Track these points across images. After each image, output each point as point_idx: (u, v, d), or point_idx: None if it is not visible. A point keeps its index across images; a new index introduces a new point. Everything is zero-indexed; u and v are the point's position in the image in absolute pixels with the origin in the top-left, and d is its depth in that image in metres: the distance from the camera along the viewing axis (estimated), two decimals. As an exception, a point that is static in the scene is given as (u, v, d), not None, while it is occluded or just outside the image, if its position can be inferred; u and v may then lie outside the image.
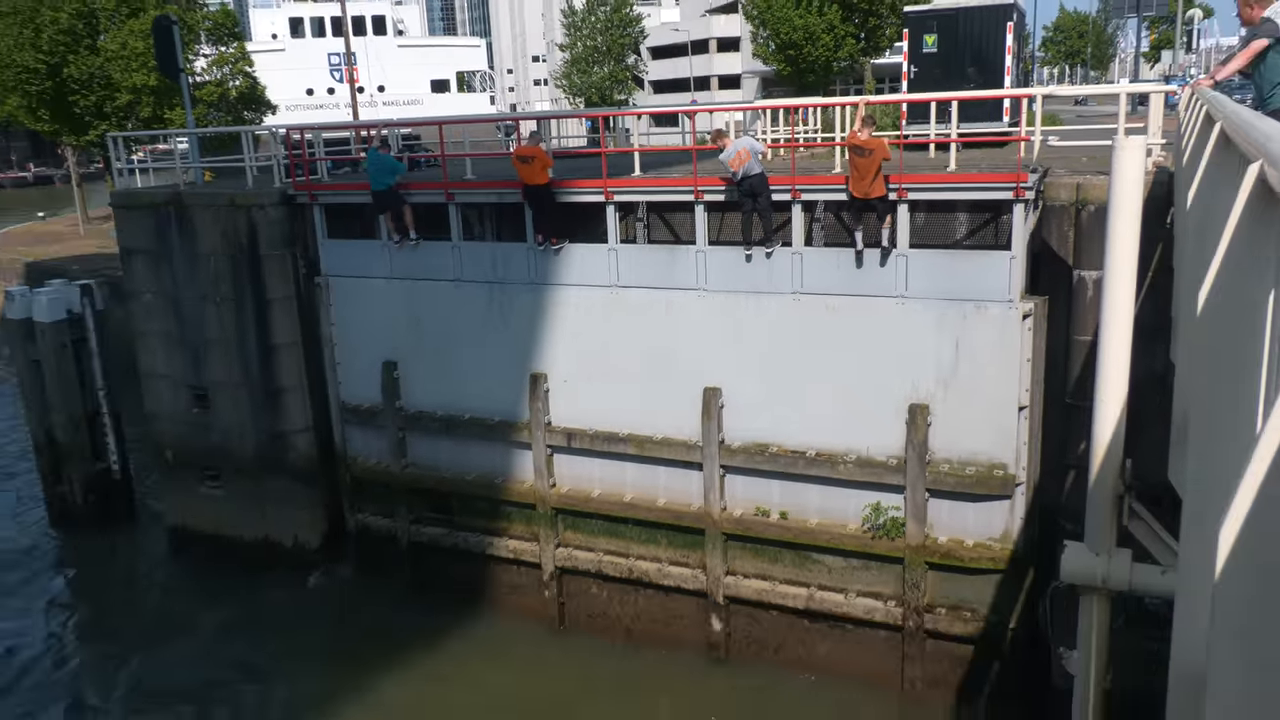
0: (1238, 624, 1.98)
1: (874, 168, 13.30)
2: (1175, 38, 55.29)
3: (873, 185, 13.37)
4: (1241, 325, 3.31)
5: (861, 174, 13.35)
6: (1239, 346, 3.30)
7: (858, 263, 14.11)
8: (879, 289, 14.06)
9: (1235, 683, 2.02)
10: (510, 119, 29.74)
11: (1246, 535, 1.85)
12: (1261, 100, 7.89)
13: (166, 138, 42.83)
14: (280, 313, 18.68)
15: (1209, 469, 3.55)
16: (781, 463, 15.16)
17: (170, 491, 20.97)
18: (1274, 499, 1.78)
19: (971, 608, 14.39)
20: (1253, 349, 2.92)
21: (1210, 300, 4.13)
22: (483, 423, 17.54)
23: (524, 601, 17.83)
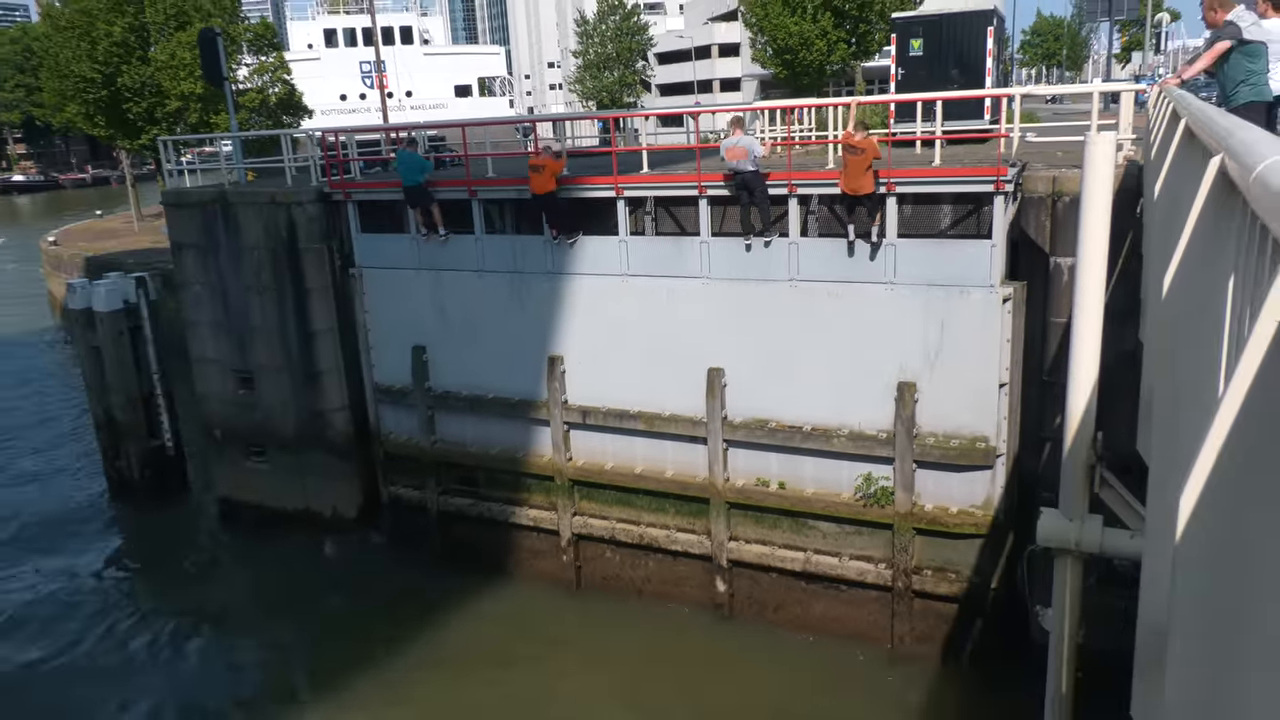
0: (1196, 583, 1.97)
1: (865, 165, 13.23)
2: (1145, 40, 54.68)
3: (862, 181, 13.31)
4: (1203, 306, 3.29)
5: (853, 171, 13.28)
6: (1201, 326, 3.28)
7: (849, 252, 14.05)
8: (869, 276, 13.99)
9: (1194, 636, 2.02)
10: (528, 121, 29.63)
11: (1203, 502, 1.84)
12: (1225, 98, 7.81)
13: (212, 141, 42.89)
14: (318, 301, 18.70)
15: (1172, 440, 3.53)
16: (780, 437, 15.16)
17: (219, 466, 21.09)
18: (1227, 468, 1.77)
19: (956, 569, 14.40)
20: (1213, 328, 2.90)
21: (1175, 283, 4.11)
22: (505, 401, 17.57)
23: (543, 565, 17.92)
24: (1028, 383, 13.86)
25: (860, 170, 13.24)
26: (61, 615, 17.85)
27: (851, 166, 13.31)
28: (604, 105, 70.08)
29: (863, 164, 13.22)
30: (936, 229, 15.03)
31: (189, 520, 21.66)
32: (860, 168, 13.23)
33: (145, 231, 48.19)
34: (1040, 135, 14.66)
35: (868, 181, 13.29)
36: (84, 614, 17.93)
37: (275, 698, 15.14)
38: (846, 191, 13.46)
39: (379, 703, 14.54)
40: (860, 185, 13.31)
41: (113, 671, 16.06)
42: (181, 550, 20.30)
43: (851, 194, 13.46)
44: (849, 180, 13.36)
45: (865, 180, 13.28)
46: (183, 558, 19.98)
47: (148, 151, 44.39)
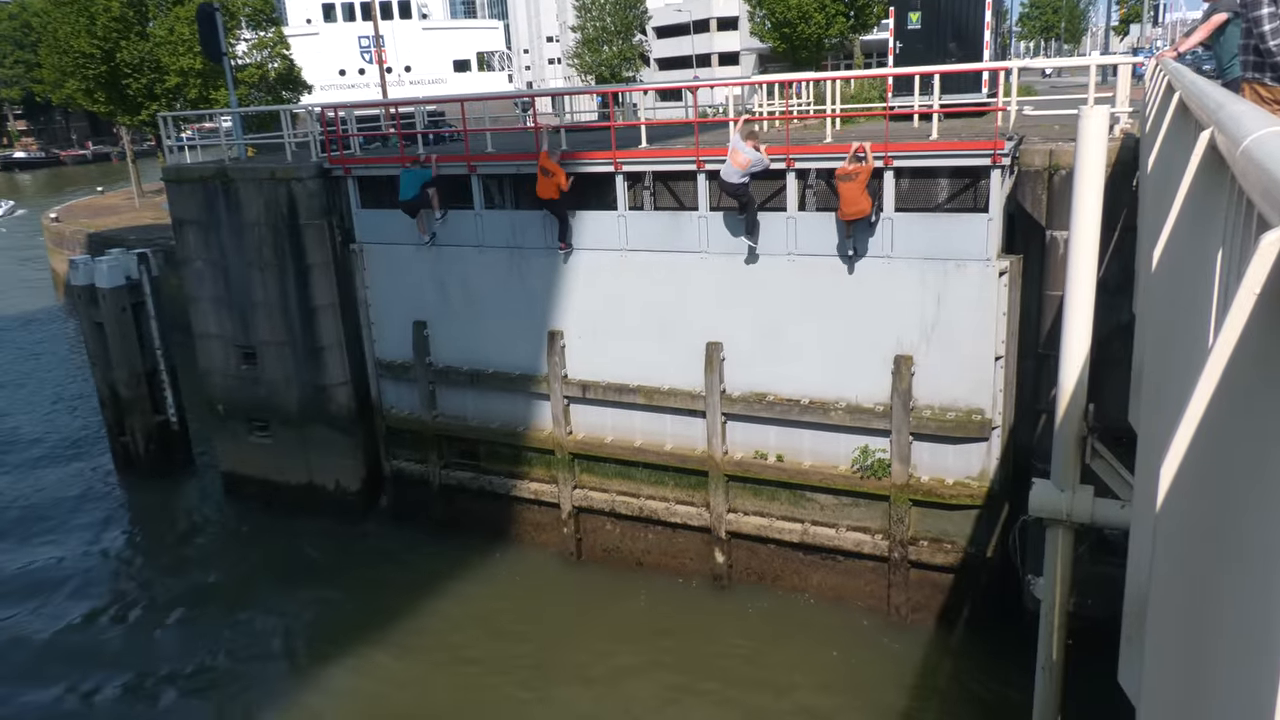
0: (1174, 552, 2.00)
1: (861, 187, 13.20)
2: (1143, 12, 54.19)
3: (862, 204, 13.27)
4: (1192, 279, 3.30)
5: (850, 198, 13.22)
6: (1190, 299, 3.29)
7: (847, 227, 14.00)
8: (867, 250, 13.96)
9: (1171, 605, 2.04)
10: (527, 95, 29.44)
11: (1183, 472, 1.86)
12: (1221, 70, 7.77)
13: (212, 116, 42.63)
14: (319, 277, 18.68)
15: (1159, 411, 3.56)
16: (778, 410, 15.20)
17: (222, 441, 21.15)
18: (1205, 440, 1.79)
19: (951, 540, 14.50)
20: (1202, 301, 2.91)
21: (1166, 255, 4.12)
22: (505, 376, 17.60)
23: (545, 537, 18.04)
24: (1023, 356, 13.88)
25: (858, 194, 13.20)
26: (68, 588, 17.98)
27: (847, 194, 13.25)
28: (602, 80, 69.55)
29: (859, 187, 13.18)
30: (933, 203, 14.99)
31: (194, 494, 21.76)
32: (857, 191, 13.19)
33: (146, 207, 48.03)
34: (1037, 109, 14.56)
35: (867, 202, 13.28)
36: (91, 587, 18.06)
37: (279, 668, 15.30)
38: (847, 218, 13.38)
39: (381, 672, 14.69)
40: (860, 209, 13.27)
41: (118, 644, 16.19)
42: (187, 524, 20.42)
43: (852, 220, 13.42)
44: (848, 207, 13.30)
45: (864, 202, 13.26)
46: (188, 531, 20.11)
47: (148, 128, 44.16)
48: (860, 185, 13.27)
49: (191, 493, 21.85)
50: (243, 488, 20.86)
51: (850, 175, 13.30)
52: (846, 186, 13.30)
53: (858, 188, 13.26)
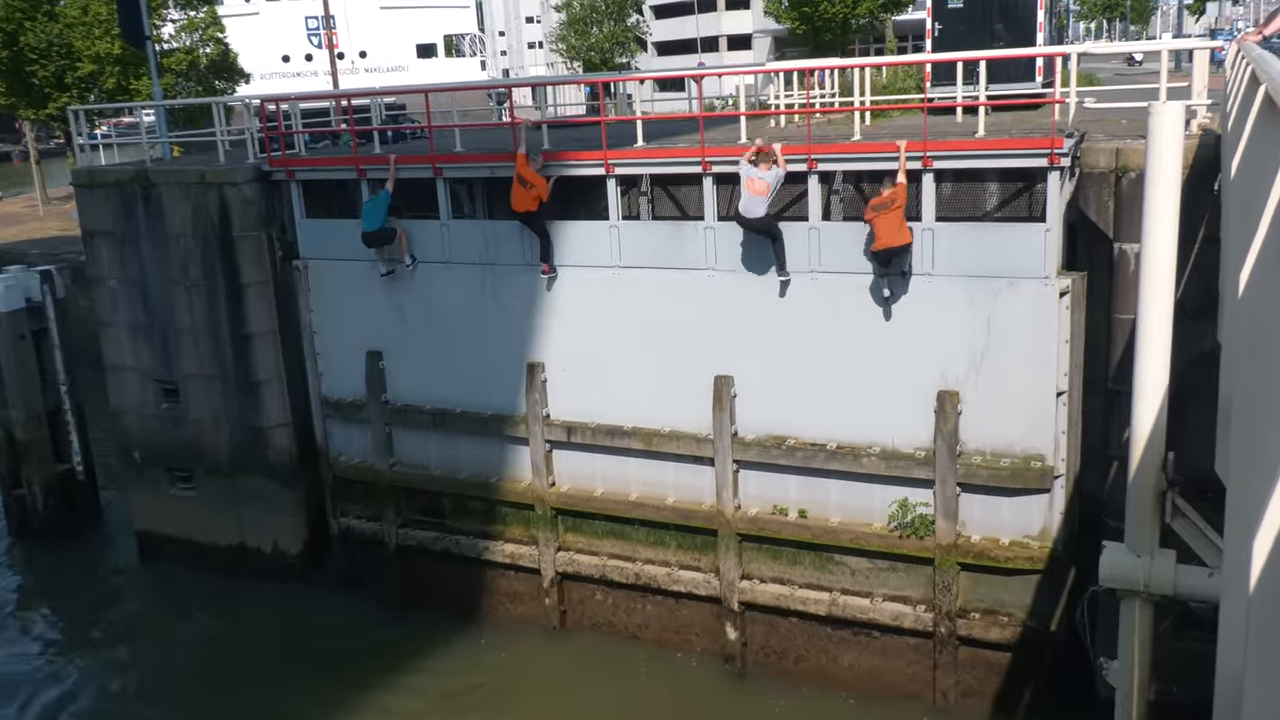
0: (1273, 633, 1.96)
1: (899, 218, 13.38)
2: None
3: (900, 234, 13.45)
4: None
5: (886, 229, 13.40)
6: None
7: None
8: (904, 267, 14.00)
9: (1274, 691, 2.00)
10: (503, 85, 29.65)
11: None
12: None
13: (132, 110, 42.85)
14: (255, 299, 18.70)
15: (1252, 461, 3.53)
16: (799, 456, 15.15)
17: (138, 493, 21.00)
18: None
19: (1008, 611, 14.39)
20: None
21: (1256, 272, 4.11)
22: (475, 416, 17.56)
23: (522, 609, 17.88)
24: (1090, 391, 13.87)
25: (896, 225, 13.39)
26: (-47, 671, 17.78)
27: (883, 225, 13.43)
28: (592, 67, 70.11)
29: (896, 218, 13.37)
30: (981, 210, 15.06)
31: (102, 558, 21.58)
32: (895, 222, 13.38)
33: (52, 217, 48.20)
34: (1101, 100, 14.67)
35: (905, 232, 13.46)
36: (-20, 670, 17.86)
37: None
38: (884, 249, 13.58)
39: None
40: (898, 239, 13.46)
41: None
42: (93, 594, 20.23)
43: (886, 250, 13.59)
44: (885, 239, 13.48)
45: (902, 232, 13.44)
46: (94, 603, 19.90)
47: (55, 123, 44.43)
48: (898, 214, 13.42)
49: (99, 556, 21.66)
50: (161, 550, 20.66)
51: (886, 204, 13.44)
52: (883, 218, 13.44)
53: (895, 218, 13.41)
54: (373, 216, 17.03)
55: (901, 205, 13.46)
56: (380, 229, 17.04)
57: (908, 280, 13.98)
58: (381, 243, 17.23)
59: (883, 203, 13.52)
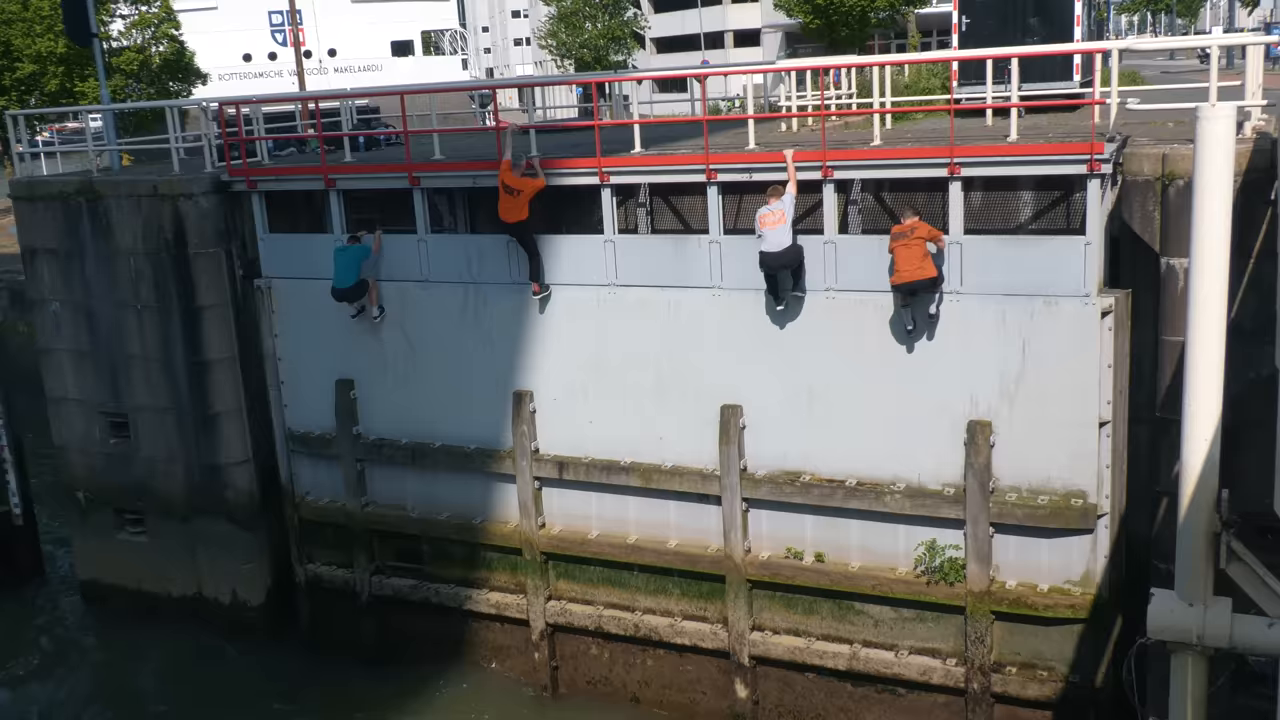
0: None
1: (921, 250, 13.52)
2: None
3: (923, 267, 13.56)
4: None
5: (907, 260, 13.54)
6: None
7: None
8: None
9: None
10: (486, 86, 29.74)
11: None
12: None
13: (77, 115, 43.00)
14: (213, 322, 18.72)
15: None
16: (816, 494, 15.15)
17: (83, 539, 20.93)
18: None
19: (1048, 665, 14.35)
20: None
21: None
22: (457, 451, 17.55)
23: (510, 665, 17.83)
24: (1136, 420, 13.89)
25: (918, 257, 13.53)
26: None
27: (903, 257, 13.57)
28: (584, 66, 70.50)
29: (917, 249, 13.51)
30: (1014, 222, 15.13)
31: (43, 610, 21.48)
32: (916, 254, 13.52)
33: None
34: (1145, 101, 14.76)
35: (929, 265, 13.59)
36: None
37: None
38: (904, 283, 13.73)
39: None
40: (920, 272, 13.59)
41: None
42: (33, 650, 20.13)
43: (908, 284, 13.72)
44: (905, 272, 13.63)
45: (926, 265, 13.57)
46: (36, 661, 19.81)
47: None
48: (920, 245, 13.54)
49: (41, 608, 21.57)
50: (109, 601, 20.60)
51: (904, 233, 13.58)
52: (902, 249, 13.56)
53: (917, 249, 13.53)
54: (346, 271, 16.97)
55: (923, 236, 13.56)
56: (354, 285, 17.07)
57: (934, 323, 14.06)
58: (354, 298, 17.29)
59: (901, 231, 13.64)
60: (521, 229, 15.91)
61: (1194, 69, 31.17)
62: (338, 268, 17.03)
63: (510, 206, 15.71)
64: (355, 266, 16.99)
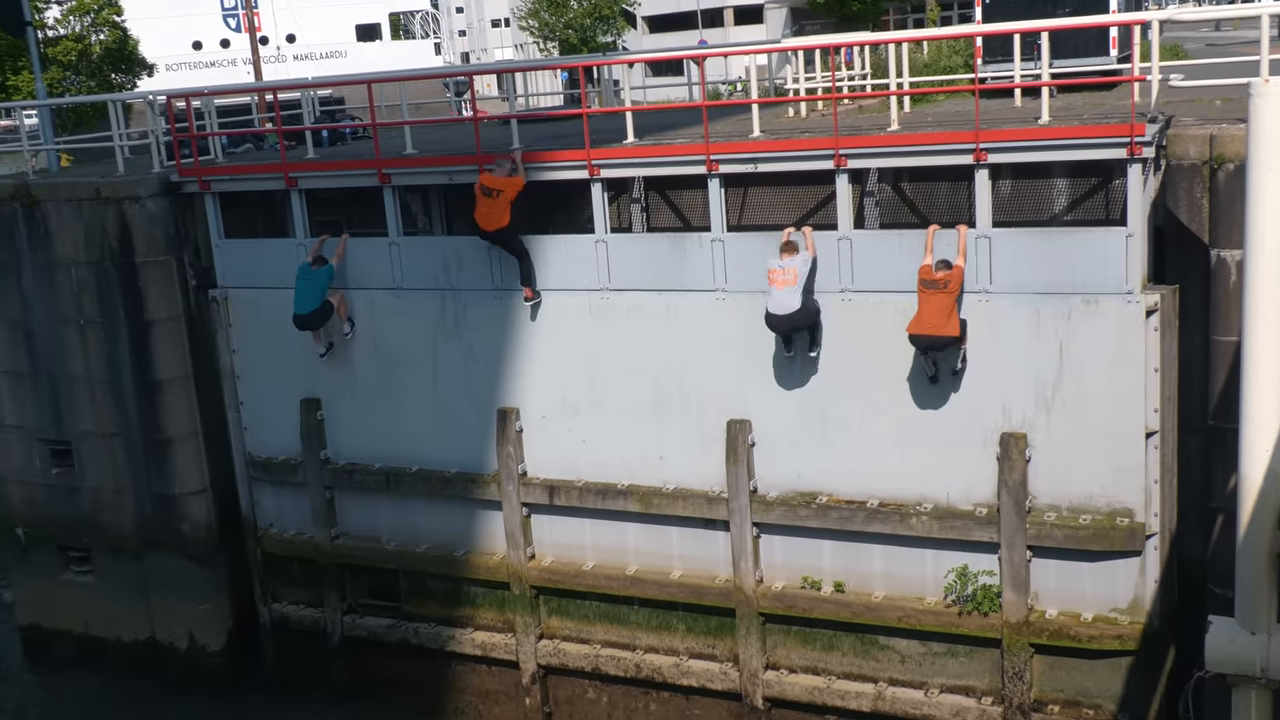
0: None
1: (950, 306, 13.55)
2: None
3: (948, 324, 13.59)
4: None
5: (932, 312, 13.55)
6: None
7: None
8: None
9: None
10: (462, 73, 29.76)
11: None
12: None
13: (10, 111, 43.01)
14: (164, 338, 18.69)
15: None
16: (834, 517, 15.13)
17: (22, 579, 20.91)
18: None
19: (1094, 703, 14.32)
20: None
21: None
22: (436, 476, 17.53)
23: (498, 712, 17.79)
24: (1187, 429, 13.87)
25: (944, 311, 13.54)
26: None
27: (930, 307, 13.57)
28: (570, 48, 70.64)
29: (947, 304, 13.54)
30: (1047, 213, 15.13)
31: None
32: (944, 308, 13.54)
33: (-85, 243, 48.16)
34: (1190, 77, 14.78)
35: (953, 324, 13.62)
36: None
37: None
38: (923, 335, 13.72)
39: None
40: (945, 329, 13.60)
41: None
42: (-30, 704, 20.10)
43: (925, 337, 13.72)
44: (928, 325, 13.62)
45: (951, 323, 13.60)
46: (-29, 715, 19.78)
47: (-83, 129, 44.55)
48: (950, 299, 13.52)
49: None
50: (53, 647, 20.55)
51: (938, 284, 13.54)
52: (932, 299, 13.54)
53: (946, 304, 13.51)
54: (309, 295, 16.87)
55: (956, 292, 13.55)
56: (318, 310, 16.99)
57: (959, 378, 14.05)
58: (318, 324, 17.21)
59: (935, 281, 13.60)
60: (504, 235, 15.86)
61: (1243, 41, 31.25)
62: (299, 292, 16.89)
63: (488, 211, 15.66)
64: (320, 289, 16.88)
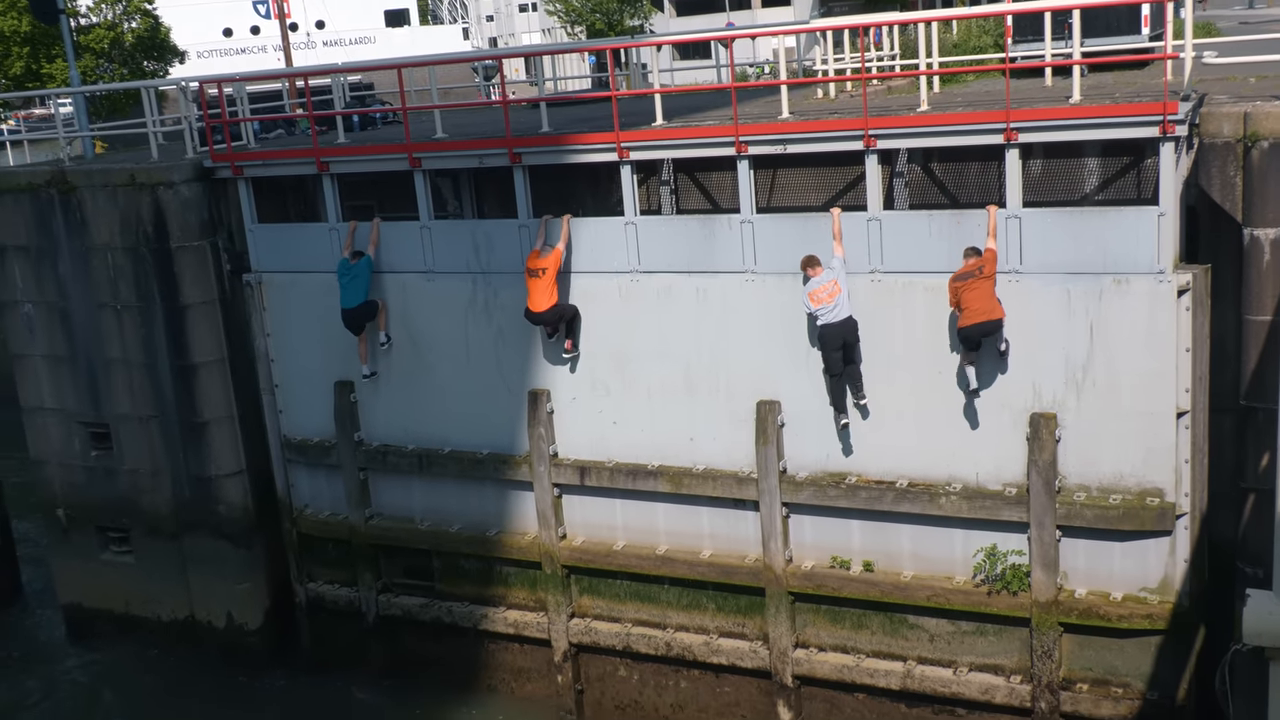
0: None
1: (991, 288, 13.51)
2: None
3: (992, 306, 13.54)
4: None
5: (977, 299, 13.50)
6: None
7: (954, 229, 14.00)
8: (985, 264, 14.00)
9: None
10: (490, 56, 29.73)
11: None
12: None
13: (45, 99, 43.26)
14: (199, 322, 18.77)
15: None
16: (863, 497, 15.10)
17: (64, 560, 21.07)
18: None
19: (1123, 682, 14.28)
20: None
21: None
22: (468, 457, 17.57)
23: (531, 689, 17.88)
24: (1219, 409, 13.78)
25: (987, 296, 13.51)
26: None
27: (972, 298, 13.52)
28: (597, 32, 70.50)
29: (986, 289, 13.51)
30: (1079, 193, 15.02)
31: (22, 637, 21.67)
32: (986, 294, 13.50)
33: (-46, 230, 48.56)
34: (1223, 54, 14.64)
35: (998, 305, 13.58)
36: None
37: None
38: (972, 324, 13.65)
39: None
40: (991, 313, 13.57)
41: None
42: (12, 680, 20.28)
43: (979, 325, 13.64)
44: (975, 313, 13.56)
45: (996, 305, 13.56)
46: (14, 692, 19.95)
47: (-46, 117, 44.86)
48: (989, 284, 13.48)
49: (19, 634, 21.75)
50: (94, 626, 20.73)
51: (972, 273, 13.51)
52: (970, 289, 13.49)
53: (986, 289, 13.47)
54: (353, 290, 16.96)
55: (992, 274, 13.50)
56: (364, 304, 17.06)
57: (1005, 360, 13.96)
58: (365, 320, 17.25)
59: (968, 272, 13.55)
60: (555, 314, 15.85)
61: (1276, 19, 30.92)
62: (344, 287, 17.00)
63: (537, 293, 15.68)
64: (364, 283, 16.97)
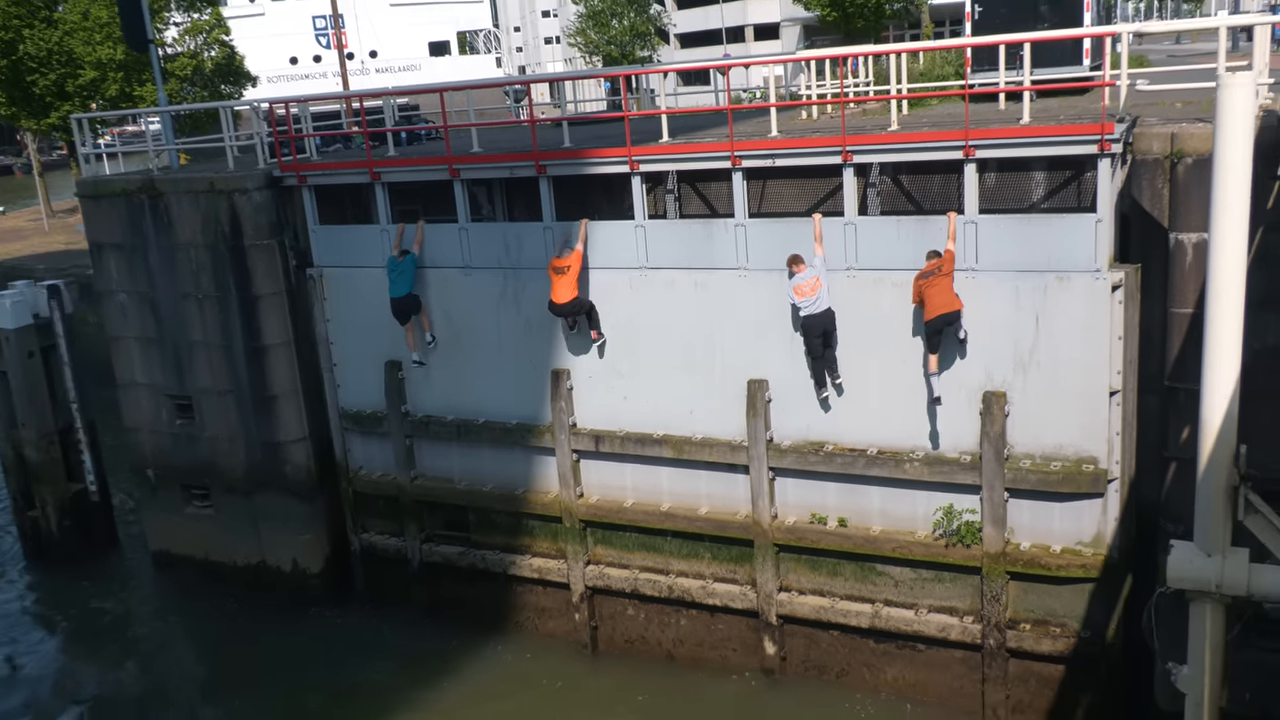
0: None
1: (946, 285, 13.48)
2: (1280, -39, 54.34)
3: (950, 299, 13.50)
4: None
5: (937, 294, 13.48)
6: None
7: (919, 232, 13.98)
8: (945, 262, 13.96)
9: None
10: (519, 82, 29.73)
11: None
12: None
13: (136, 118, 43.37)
14: (269, 310, 18.83)
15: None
16: (838, 462, 15.12)
17: (153, 513, 21.20)
18: None
19: (1061, 621, 14.31)
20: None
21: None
22: (499, 427, 17.62)
23: (552, 626, 17.94)
24: (1145, 389, 13.76)
25: (947, 290, 13.49)
26: (-34, 699, 18.00)
27: (933, 294, 13.50)
28: (612, 61, 70.32)
29: (946, 285, 13.48)
30: (1027, 201, 14.99)
31: (119, 579, 21.77)
32: (945, 289, 13.48)
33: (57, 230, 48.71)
34: (1154, 83, 14.58)
35: (957, 298, 13.54)
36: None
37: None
38: (936, 317, 13.62)
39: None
40: (953, 305, 13.53)
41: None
42: (111, 616, 20.41)
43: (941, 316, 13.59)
44: (936, 307, 13.53)
45: (955, 298, 13.53)
46: (111, 626, 20.08)
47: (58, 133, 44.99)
48: (948, 281, 13.47)
49: (116, 577, 21.86)
50: (179, 570, 20.86)
51: (933, 272, 13.52)
52: (932, 286, 13.49)
53: (945, 285, 13.46)
54: (400, 282, 17.05)
55: (950, 272, 13.50)
56: (408, 295, 17.13)
57: (963, 346, 13.95)
58: (411, 310, 17.31)
59: (930, 271, 13.56)
60: (576, 305, 15.86)
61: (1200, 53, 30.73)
62: (393, 280, 17.07)
63: (561, 288, 15.68)
64: (409, 276, 17.05)
